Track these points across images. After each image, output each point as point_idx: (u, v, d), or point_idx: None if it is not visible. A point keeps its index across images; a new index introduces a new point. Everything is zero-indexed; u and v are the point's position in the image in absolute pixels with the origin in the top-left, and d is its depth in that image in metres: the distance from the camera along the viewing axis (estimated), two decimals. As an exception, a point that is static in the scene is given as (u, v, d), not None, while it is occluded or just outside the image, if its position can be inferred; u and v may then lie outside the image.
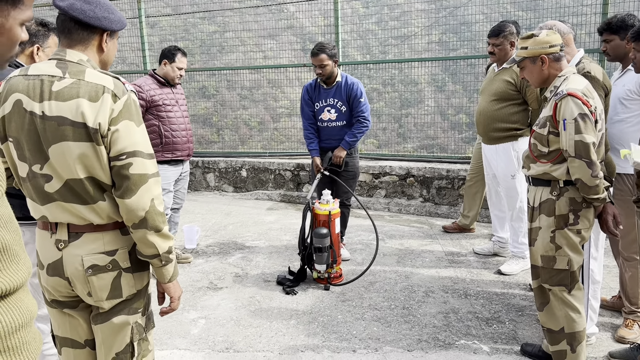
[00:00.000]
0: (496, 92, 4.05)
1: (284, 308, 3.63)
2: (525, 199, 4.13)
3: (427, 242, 5.01)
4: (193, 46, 8.26)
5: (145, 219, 1.66)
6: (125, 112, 1.65)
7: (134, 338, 1.80)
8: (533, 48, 2.57)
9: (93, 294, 1.72)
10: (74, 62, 1.66)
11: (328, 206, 3.98)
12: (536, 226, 2.62)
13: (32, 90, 1.63)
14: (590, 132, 2.38)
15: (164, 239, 1.72)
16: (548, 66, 2.57)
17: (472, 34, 6.51)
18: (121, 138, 1.63)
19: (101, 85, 1.63)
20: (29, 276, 1.08)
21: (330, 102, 4.37)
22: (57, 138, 1.61)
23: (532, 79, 2.66)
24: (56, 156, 1.63)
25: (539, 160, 2.58)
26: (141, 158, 1.66)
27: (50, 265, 1.72)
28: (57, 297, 1.78)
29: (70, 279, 1.71)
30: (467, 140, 6.97)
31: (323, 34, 7.80)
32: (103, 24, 1.68)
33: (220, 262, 4.54)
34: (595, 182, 2.39)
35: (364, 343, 3.15)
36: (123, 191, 1.64)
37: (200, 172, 7.39)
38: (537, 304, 2.70)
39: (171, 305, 1.88)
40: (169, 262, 1.78)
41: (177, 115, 4.27)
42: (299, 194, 6.76)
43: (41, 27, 2.39)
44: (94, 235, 1.70)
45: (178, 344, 3.17)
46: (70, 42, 1.68)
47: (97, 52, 1.73)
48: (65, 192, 1.66)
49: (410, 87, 7.15)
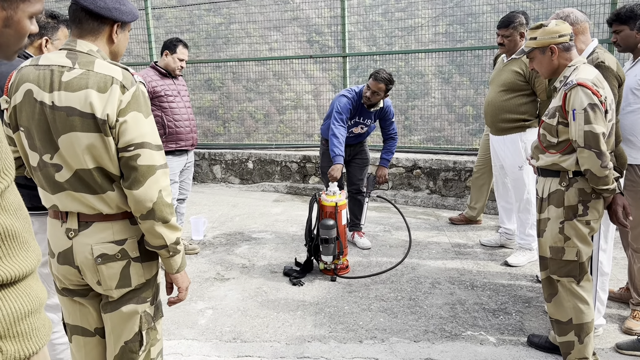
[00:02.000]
0: (505, 83, 4.02)
1: (290, 299, 3.64)
2: (533, 190, 4.12)
3: (433, 233, 5.01)
4: (199, 38, 8.25)
5: (152, 210, 1.66)
6: (133, 103, 1.65)
7: (143, 327, 1.81)
8: (542, 38, 2.54)
9: (102, 283, 1.74)
10: (84, 53, 1.67)
11: (335, 197, 3.98)
12: (545, 217, 2.60)
13: (42, 81, 1.63)
14: (600, 122, 2.36)
15: (171, 230, 1.72)
16: (558, 56, 2.55)
17: (479, 25, 6.45)
18: (129, 129, 1.63)
19: (110, 76, 1.63)
20: (38, 263, 1.09)
21: (367, 122, 4.49)
22: (66, 128, 1.62)
23: (541, 70, 2.63)
24: (65, 146, 1.64)
25: (547, 150, 2.56)
26: (149, 149, 1.66)
27: (60, 253, 1.74)
28: (68, 285, 1.80)
29: (80, 267, 1.73)
30: (474, 132, 6.94)
31: (329, 25, 7.77)
32: (114, 14, 1.68)
33: (227, 253, 4.56)
34: (604, 173, 2.37)
35: (371, 333, 3.15)
36: (131, 182, 1.64)
37: (206, 164, 7.40)
38: (545, 295, 2.69)
39: (179, 296, 1.89)
40: (176, 253, 1.78)
41: (179, 106, 4.29)
42: (305, 185, 6.77)
43: (51, 19, 2.38)
44: (103, 225, 1.71)
45: (186, 334, 3.19)
46: (81, 32, 1.69)
47: (108, 43, 1.73)
48: (74, 182, 1.67)
49: (416, 79, 7.12)
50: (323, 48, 9.03)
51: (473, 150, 6.17)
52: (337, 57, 6.98)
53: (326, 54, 7.43)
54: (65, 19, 2.41)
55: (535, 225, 4.13)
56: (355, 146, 4.64)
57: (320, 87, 7.58)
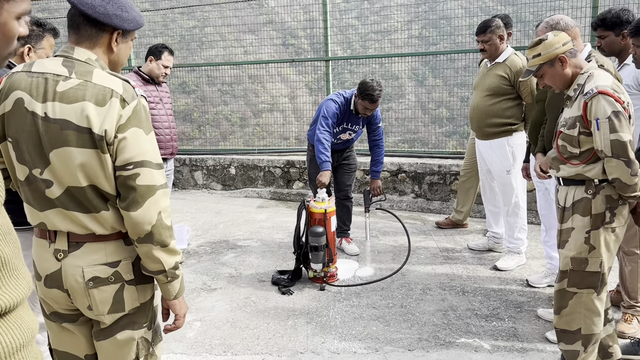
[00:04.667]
0: (490, 87, 4.02)
1: (280, 308, 3.57)
2: (521, 194, 4.12)
3: (421, 238, 4.98)
4: (172, 42, 8.14)
5: (151, 233, 1.55)
6: (134, 118, 1.54)
7: (140, 354, 1.70)
8: (547, 52, 2.46)
9: (94, 308, 1.62)
10: (82, 61, 1.56)
11: (323, 204, 3.92)
12: (568, 227, 2.50)
13: (35, 89, 1.52)
14: (626, 129, 2.29)
15: (170, 255, 1.62)
16: (568, 64, 2.46)
17: (452, 29, 6.51)
18: (129, 146, 1.52)
19: (109, 88, 1.53)
20: (29, 291, 1.00)
21: (355, 129, 4.42)
22: (59, 142, 1.51)
23: (555, 83, 2.53)
24: (57, 161, 1.52)
25: (568, 161, 2.49)
26: (149, 168, 1.55)
27: (48, 276, 1.62)
28: (57, 309, 1.68)
29: (69, 291, 1.61)
30: (448, 134, 6.99)
31: (304, 29, 7.74)
32: (114, 21, 1.55)
33: (213, 262, 4.46)
34: (634, 181, 2.30)
35: (364, 343, 3.10)
36: (128, 203, 1.53)
37: (187, 170, 7.28)
38: (555, 307, 2.60)
39: (176, 323, 1.77)
40: (175, 279, 1.68)
41: (160, 113, 4.21)
42: (289, 191, 6.69)
43: (36, 27, 2.25)
44: (95, 246, 1.59)
45: (174, 348, 3.09)
46: (78, 38, 1.57)
47: (107, 52, 1.62)
48: (66, 200, 1.56)
49: (391, 82, 7.14)
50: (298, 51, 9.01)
51: (458, 153, 6.18)
52: (318, 62, 6.94)
53: (309, 59, 7.38)
54: (51, 27, 2.29)
55: (524, 228, 4.15)
56: (343, 152, 4.59)
57: (297, 91, 7.56)
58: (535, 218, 4.99)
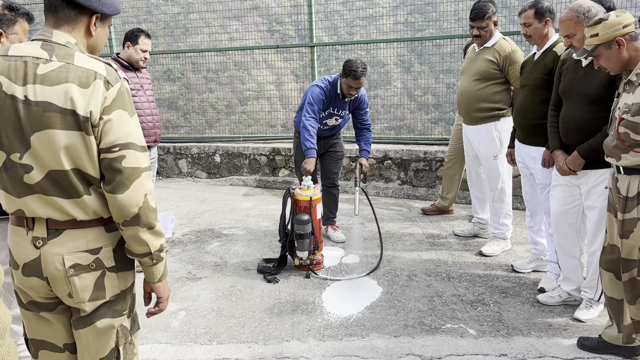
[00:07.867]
0: (478, 72, 4.00)
1: (266, 297, 3.54)
2: (507, 180, 4.12)
3: (406, 224, 4.98)
4: (157, 28, 8.02)
5: (138, 215, 1.54)
6: (118, 100, 1.53)
7: (120, 342, 1.68)
8: (605, 33, 2.38)
9: (74, 295, 1.59)
10: (61, 45, 1.53)
11: (309, 192, 3.89)
12: (633, 217, 2.44)
13: (13, 73, 1.48)
14: None
15: (156, 237, 1.61)
16: (626, 48, 2.38)
17: (438, 14, 6.48)
18: (114, 129, 1.50)
19: (92, 70, 1.51)
20: (0, 283, 0.96)
21: (341, 114, 4.37)
22: (42, 125, 1.47)
23: (610, 66, 2.47)
24: (39, 145, 1.49)
25: (632, 149, 2.39)
26: (134, 150, 1.54)
27: (26, 264, 1.58)
28: (35, 298, 1.64)
29: (49, 279, 1.58)
30: (434, 120, 6.99)
31: (289, 15, 7.65)
32: (93, 4, 1.54)
33: (198, 251, 4.41)
34: None
35: (350, 330, 3.09)
36: (114, 186, 1.52)
37: (171, 158, 7.19)
38: (628, 297, 2.56)
39: (159, 306, 1.77)
40: (159, 261, 1.67)
41: (142, 100, 4.11)
42: (275, 179, 6.65)
43: (8, 11, 2.16)
44: (76, 232, 1.56)
45: (158, 337, 3.06)
46: (56, 21, 1.54)
47: (85, 36, 1.60)
48: (46, 185, 1.52)
49: (377, 68, 7.11)
50: (284, 37, 8.93)
51: (444, 139, 6.17)
52: (303, 47, 6.87)
53: (293, 44, 7.31)
54: (25, 12, 2.20)
55: (509, 214, 4.16)
56: (330, 138, 4.55)
57: (283, 78, 7.48)
58: (520, 204, 5.01)
